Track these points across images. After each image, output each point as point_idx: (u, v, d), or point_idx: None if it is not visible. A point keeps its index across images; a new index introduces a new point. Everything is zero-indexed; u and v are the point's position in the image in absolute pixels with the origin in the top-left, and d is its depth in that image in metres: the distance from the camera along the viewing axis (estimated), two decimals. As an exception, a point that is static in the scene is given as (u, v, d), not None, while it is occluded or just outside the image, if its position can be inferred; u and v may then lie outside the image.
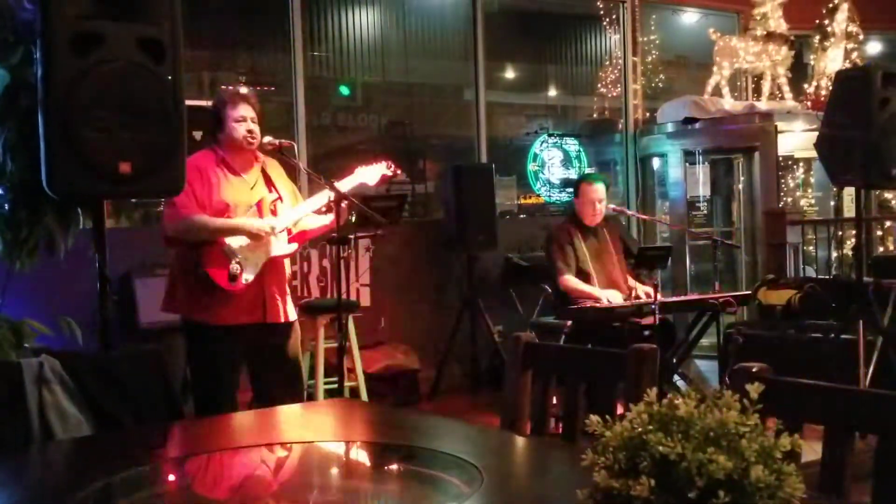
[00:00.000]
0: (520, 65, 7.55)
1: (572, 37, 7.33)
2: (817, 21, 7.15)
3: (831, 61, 6.98)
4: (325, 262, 5.53)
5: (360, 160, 3.65)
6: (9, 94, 2.74)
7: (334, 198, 3.34)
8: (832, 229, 6.52)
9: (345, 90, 6.63)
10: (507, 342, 2.86)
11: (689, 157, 6.76)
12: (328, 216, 3.42)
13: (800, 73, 7.32)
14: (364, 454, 1.89)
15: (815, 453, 1.49)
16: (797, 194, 7.35)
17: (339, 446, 1.94)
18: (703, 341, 5.11)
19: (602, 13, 7.32)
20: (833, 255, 6.54)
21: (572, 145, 7.09)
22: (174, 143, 2.65)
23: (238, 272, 3.19)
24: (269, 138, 3.35)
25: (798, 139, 6.65)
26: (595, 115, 7.56)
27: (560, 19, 7.35)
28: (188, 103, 2.77)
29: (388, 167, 3.61)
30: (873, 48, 7.99)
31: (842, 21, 7.05)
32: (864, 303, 4.09)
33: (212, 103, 3.43)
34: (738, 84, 7.49)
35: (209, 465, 1.80)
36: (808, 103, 6.98)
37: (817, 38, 7.16)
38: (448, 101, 7.33)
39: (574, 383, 2.00)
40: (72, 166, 2.49)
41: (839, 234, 6.48)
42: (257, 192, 3.33)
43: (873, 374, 3.99)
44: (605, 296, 4.46)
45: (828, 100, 4.32)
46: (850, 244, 6.50)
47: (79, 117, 2.47)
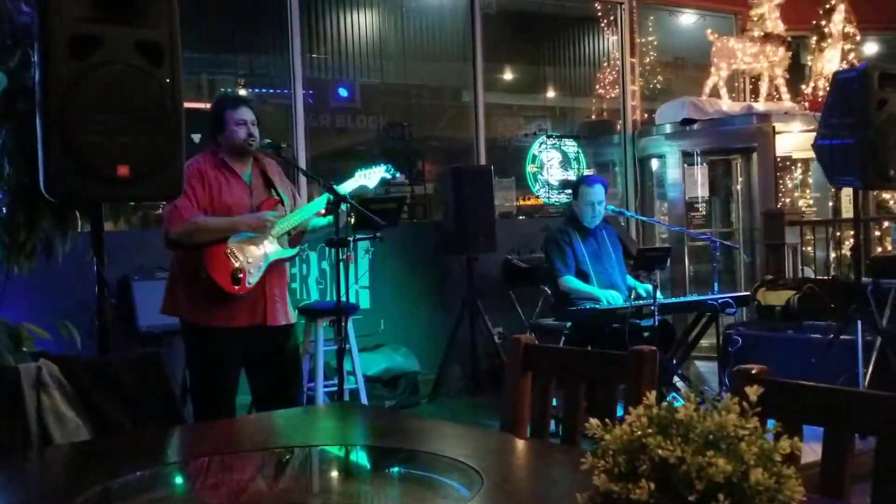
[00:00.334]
0: (518, 66, 7.56)
1: (570, 38, 7.34)
2: (814, 22, 7.16)
3: (828, 62, 6.99)
4: (325, 265, 5.53)
5: (359, 162, 3.65)
6: (6, 97, 2.74)
7: (333, 200, 3.34)
8: (830, 230, 6.53)
9: (343, 92, 6.64)
10: (506, 344, 2.85)
11: (687, 158, 6.77)
12: (327, 219, 3.43)
13: (797, 73, 7.33)
14: (364, 458, 1.89)
15: (815, 454, 1.49)
16: (795, 195, 7.36)
17: (339, 450, 1.93)
18: (703, 342, 5.11)
19: (600, 15, 7.33)
20: (831, 255, 6.54)
21: (571, 147, 7.09)
22: (172, 145, 2.64)
23: (241, 276, 3.19)
24: (267, 141, 3.36)
25: (796, 140, 6.66)
26: (593, 117, 7.57)
27: (558, 21, 7.35)
28: (187, 106, 2.76)
29: (387, 170, 3.61)
30: (870, 49, 7.99)
31: (839, 22, 7.06)
32: (863, 303, 4.10)
33: (211, 106, 3.44)
34: (736, 85, 7.50)
35: (209, 470, 1.80)
36: (806, 104, 6.99)
37: (814, 38, 7.17)
38: (447, 103, 7.33)
39: (574, 385, 1.99)
40: (70, 169, 2.48)
41: (837, 234, 6.49)
42: (257, 195, 3.34)
43: (872, 374, 3.99)
44: (605, 296, 4.46)
45: (825, 100, 4.33)
46: (848, 245, 6.51)
47: (77, 120, 2.46)
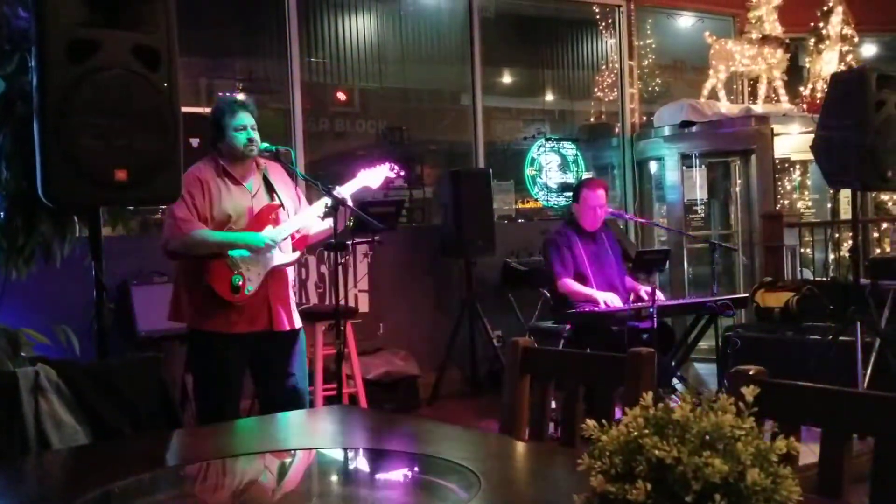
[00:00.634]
0: (517, 70, 7.56)
1: (569, 41, 7.35)
2: (812, 24, 7.17)
3: (826, 64, 7.00)
4: (323, 269, 5.53)
5: (358, 166, 3.64)
6: (4, 102, 2.74)
7: (332, 203, 3.33)
8: (829, 231, 6.53)
9: (342, 96, 6.65)
10: (505, 347, 2.85)
11: (686, 160, 6.77)
12: (327, 222, 3.42)
13: (795, 75, 7.34)
14: (362, 461, 1.89)
15: (814, 455, 1.49)
16: (794, 197, 7.36)
17: (338, 453, 1.93)
18: (702, 344, 5.10)
19: (598, 18, 7.34)
20: (830, 257, 6.54)
21: (570, 149, 7.09)
22: (170, 150, 2.64)
23: (240, 284, 3.18)
24: (265, 145, 3.34)
25: (794, 142, 6.66)
26: (592, 120, 7.57)
27: (556, 24, 7.36)
28: (185, 110, 2.76)
29: (390, 169, 3.60)
30: (868, 50, 8.01)
31: (836, 24, 7.07)
32: (862, 305, 4.10)
33: (211, 112, 3.40)
34: (734, 87, 7.50)
35: (209, 473, 1.79)
36: (804, 106, 7.00)
37: (812, 40, 7.18)
38: (445, 107, 7.34)
39: (572, 388, 1.99)
40: (67, 174, 2.48)
41: (836, 236, 6.49)
42: (259, 201, 3.32)
43: (871, 375, 3.99)
44: (604, 298, 4.46)
45: (823, 102, 4.33)
46: (847, 246, 6.51)
47: (74, 125, 2.46)
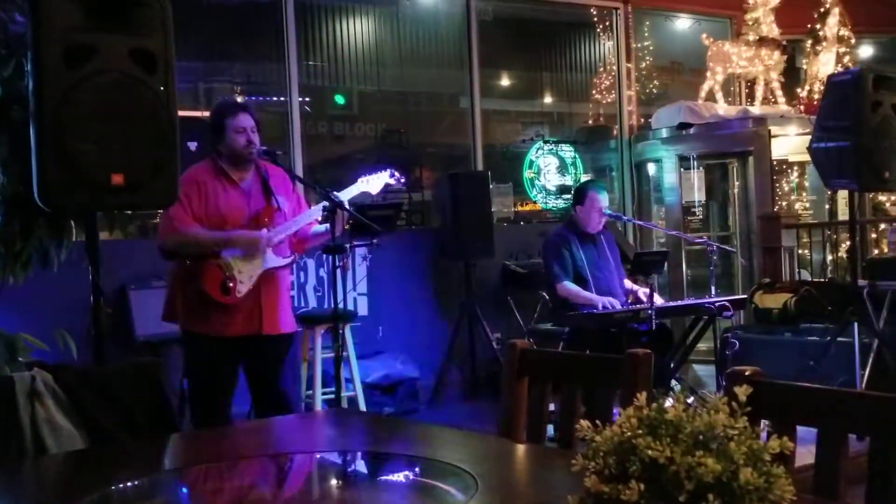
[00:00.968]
0: (515, 72, 7.57)
1: (566, 44, 7.36)
2: (809, 26, 7.18)
3: (823, 65, 7.01)
4: (322, 272, 5.53)
5: (356, 169, 3.64)
6: (1, 107, 2.74)
7: (330, 206, 3.33)
8: (827, 232, 6.53)
9: (340, 99, 6.65)
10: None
11: (683, 162, 6.78)
12: (324, 226, 3.41)
13: (792, 77, 7.35)
14: (360, 464, 1.89)
15: (812, 457, 1.49)
16: (792, 198, 7.36)
17: (336, 456, 1.93)
18: (701, 346, 5.10)
19: (596, 20, 7.35)
20: (828, 258, 6.54)
21: (568, 152, 7.10)
22: (167, 154, 2.64)
23: (231, 286, 3.18)
24: (262, 148, 3.34)
25: (792, 143, 6.67)
26: (590, 122, 7.58)
27: (554, 27, 7.37)
28: (183, 114, 2.77)
29: (391, 175, 3.60)
30: (865, 52, 8.02)
31: (833, 25, 7.08)
32: (860, 306, 4.10)
33: (211, 114, 3.40)
34: (732, 89, 7.51)
35: (206, 477, 1.79)
36: (801, 107, 7.01)
37: (809, 42, 7.19)
38: (444, 110, 7.34)
39: (570, 390, 1.99)
40: (64, 178, 2.48)
41: (834, 237, 6.49)
42: (256, 203, 3.32)
43: (869, 376, 3.99)
44: (603, 303, 4.46)
45: (820, 103, 4.33)
46: (844, 247, 6.51)
47: (71, 129, 2.46)
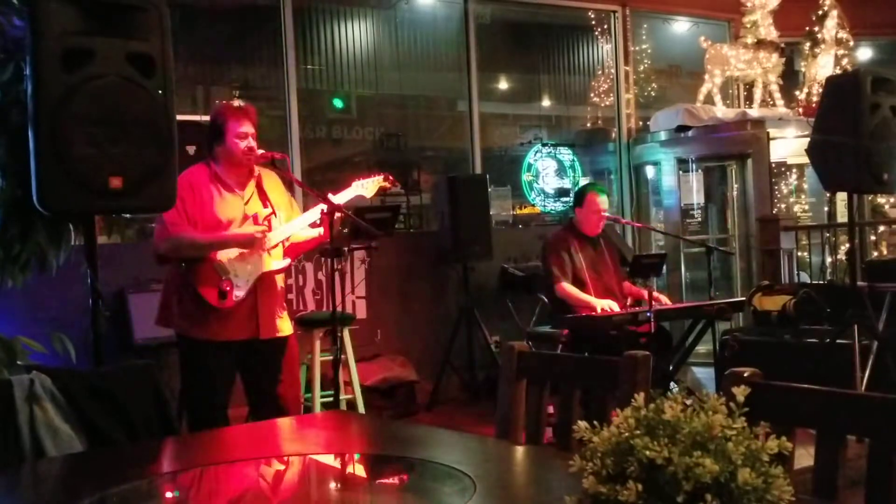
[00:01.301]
0: (513, 75, 7.58)
1: (564, 47, 7.37)
2: (807, 28, 7.19)
3: (822, 68, 7.01)
4: (321, 275, 5.53)
5: (354, 172, 3.63)
6: (-1, 110, 2.74)
7: (327, 210, 3.32)
8: (826, 235, 6.53)
9: (338, 103, 6.65)
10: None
11: (682, 164, 6.78)
12: (319, 228, 3.40)
13: (791, 80, 7.36)
14: (358, 466, 1.88)
15: (812, 458, 1.49)
16: (790, 200, 7.36)
17: (334, 459, 1.93)
18: (700, 348, 5.10)
19: (594, 23, 7.36)
20: (827, 260, 6.54)
21: (566, 155, 7.10)
22: (165, 157, 2.65)
23: (227, 290, 3.17)
24: (260, 152, 3.34)
25: (790, 145, 6.67)
26: (588, 125, 7.59)
27: (552, 30, 7.38)
28: (182, 118, 2.77)
29: (385, 179, 3.58)
30: (863, 54, 8.03)
31: (831, 28, 7.09)
32: (859, 308, 4.09)
33: (212, 115, 3.36)
34: (730, 92, 7.52)
35: (204, 480, 1.79)
36: (800, 110, 7.01)
37: (808, 44, 7.20)
38: (442, 113, 7.35)
39: (568, 391, 1.99)
40: (62, 182, 2.48)
41: (833, 239, 6.49)
42: (251, 208, 3.31)
43: (869, 378, 3.98)
44: (601, 306, 4.46)
45: (819, 106, 4.33)
46: (844, 249, 6.51)
47: (69, 133, 2.47)
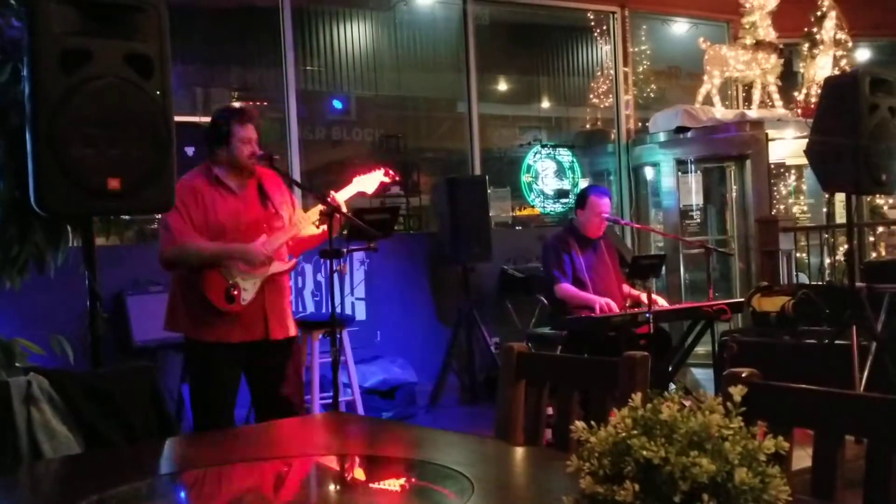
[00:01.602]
0: (512, 77, 7.59)
1: (564, 48, 7.37)
2: (806, 29, 7.20)
3: (820, 69, 7.02)
4: (320, 277, 5.53)
5: (354, 173, 3.63)
6: (-3, 112, 2.74)
7: (326, 210, 3.32)
8: (825, 235, 6.53)
9: (338, 104, 6.65)
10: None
11: (681, 165, 6.79)
12: (320, 227, 3.39)
13: (789, 81, 7.37)
14: (357, 467, 1.88)
15: (810, 459, 1.48)
16: (789, 201, 7.37)
17: (332, 460, 1.93)
18: (699, 349, 5.10)
19: (593, 24, 7.36)
20: (826, 261, 6.54)
21: (566, 156, 7.10)
22: (164, 158, 2.64)
23: (235, 294, 3.17)
24: (259, 153, 3.32)
25: (789, 146, 6.67)
26: (588, 126, 7.59)
27: (551, 31, 7.39)
28: (180, 119, 2.76)
29: (385, 174, 3.58)
30: (862, 55, 8.03)
31: (830, 29, 7.10)
32: (858, 308, 4.08)
33: (216, 116, 3.34)
34: (729, 93, 7.53)
35: (204, 481, 1.79)
36: (799, 111, 7.02)
37: (806, 45, 7.21)
38: (441, 114, 7.36)
39: (567, 392, 1.99)
40: (60, 183, 2.48)
41: (831, 240, 6.49)
42: (253, 210, 3.30)
43: (868, 379, 3.98)
44: (600, 303, 4.46)
45: (817, 107, 4.33)
46: (842, 250, 6.51)
47: (67, 134, 2.46)
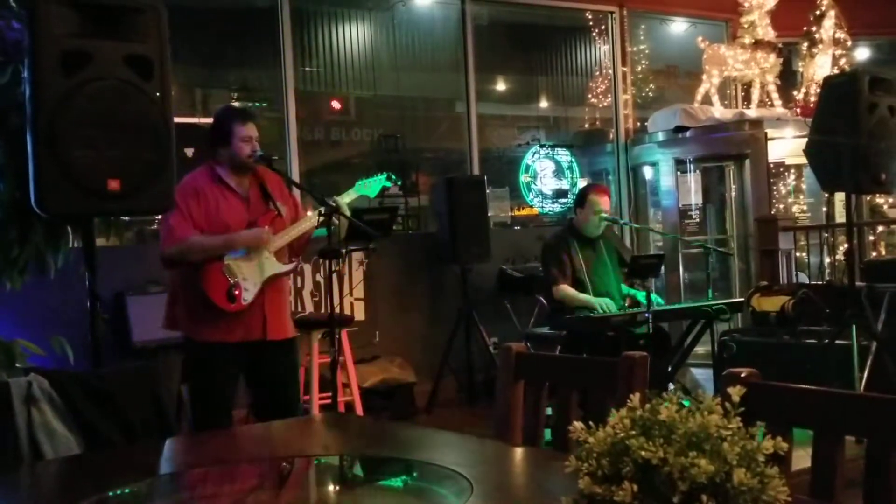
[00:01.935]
0: (511, 77, 7.59)
1: (562, 48, 7.38)
2: (805, 28, 7.20)
3: (820, 68, 7.02)
4: (319, 277, 5.53)
5: (353, 174, 3.63)
6: (-3, 114, 2.75)
7: (327, 211, 3.32)
8: (824, 235, 6.54)
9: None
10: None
11: (680, 165, 6.79)
12: (322, 229, 3.40)
13: (789, 80, 7.37)
14: (355, 467, 1.89)
15: (809, 459, 1.49)
16: (789, 201, 7.37)
17: (332, 460, 1.93)
18: (699, 349, 5.10)
19: (591, 24, 7.36)
20: (826, 260, 6.54)
21: (564, 156, 7.10)
22: (163, 159, 2.65)
23: (237, 293, 3.17)
24: (259, 154, 3.33)
25: (788, 146, 6.68)
26: (586, 126, 7.59)
27: (549, 31, 7.39)
28: (179, 120, 2.77)
29: (388, 179, 3.58)
30: (861, 54, 8.04)
31: (829, 28, 7.10)
32: (858, 308, 4.09)
33: (217, 117, 3.36)
34: (728, 92, 7.53)
35: (204, 481, 1.79)
36: (798, 110, 7.02)
37: (805, 45, 7.21)
38: (440, 114, 7.35)
39: (566, 393, 1.99)
40: (60, 185, 2.48)
41: (831, 239, 6.49)
42: (256, 210, 3.31)
43: (868, 378, 3.98)
44: (599, 303, 4.46)
45: (816, 106, 4.33)
46: (842, 250, 6.51)
47: (67, 136, 2.47)
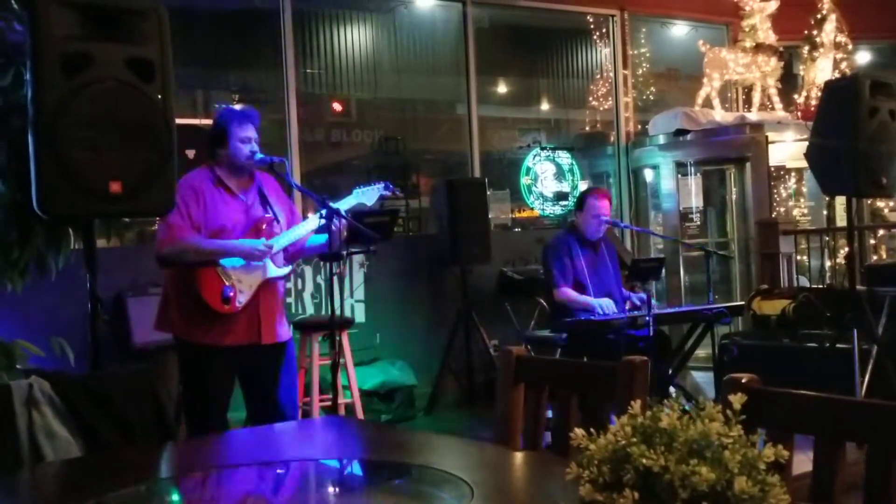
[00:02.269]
0: (511, 79, 7.59)
1: (563, 51, 7.38)
2: (806, 32, 7.21)
3: (820, 71, 7.03)
4: (319, 279, 5.53)
5: (353, 176, 3.62)
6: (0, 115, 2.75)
7: (326, 215, 3.32)
8: (825, 238, 6.53)
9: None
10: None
11: (681, 168, 6.79)
12: (322, 235, 3.39)
13: (789, 83, 7.37)
14: (356, 471, 1.88)
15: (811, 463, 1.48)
16: (789, 204, 7.37)
17: (333, 464, 1.93)
18: (699, 352, 5.10)
19: (592, 27, 7.37)
20: (826, 264, 6.54)
21: (565, 158, 7.11)
22: (164, 161, 2.65)
23: (231, 295, 3.17)
24: (259, 156, 3.34)
25: (789, 149, 6.68)
26: (587, 128, 7.60)
27: (551, 34, 7.40)
28: (180, 122, 2.77)
29: (385, 188, 3.57)
30: (862, 58, 8.04)
31: (830, 31, 7.10)
32: (859, 312, 4.09)
33: (217, 118, 3.36)
34: (729, 95, 7.53)
35: (203, 485, 1.79)
36: (798, 113, 7.03)
37: (806, 48, 7.21)
38: (441, 117, 7.36)
39: (566, 396, 1.99)
40: (62, 186, 2.49)
41: (832, 243, 6.49)
42: (254, 212, 3.30)
43: (869, 382, 3.98)
44: (599, 304, 4.47)
45: (817, 109, 4.33)
46: (843, 253, 6.51)
47: (69, 137, 2.47)
